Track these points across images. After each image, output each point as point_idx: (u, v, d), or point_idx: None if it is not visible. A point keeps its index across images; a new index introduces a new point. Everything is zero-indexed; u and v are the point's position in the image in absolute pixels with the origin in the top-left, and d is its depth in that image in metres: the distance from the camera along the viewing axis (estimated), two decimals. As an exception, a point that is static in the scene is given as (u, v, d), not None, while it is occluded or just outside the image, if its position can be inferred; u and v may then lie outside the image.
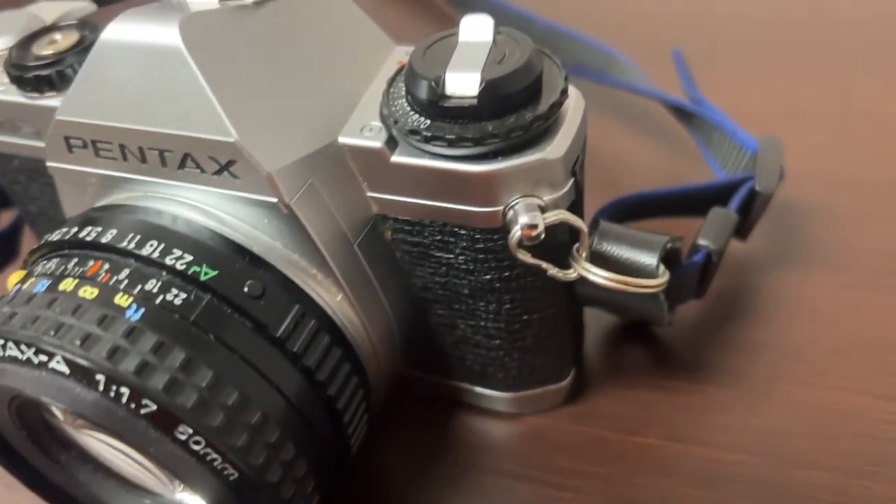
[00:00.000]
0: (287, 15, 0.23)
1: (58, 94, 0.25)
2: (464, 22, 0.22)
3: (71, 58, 0.26)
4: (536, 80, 0.22)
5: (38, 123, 0.26)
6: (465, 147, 0.21)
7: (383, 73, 0.24)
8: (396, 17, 0.51)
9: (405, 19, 0.51)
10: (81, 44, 0.26)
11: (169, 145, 0.21)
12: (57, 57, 0.26)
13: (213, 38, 0.21)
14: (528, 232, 0.21)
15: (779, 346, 0.29)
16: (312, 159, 0.21)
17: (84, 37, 0.27)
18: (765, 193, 0.28)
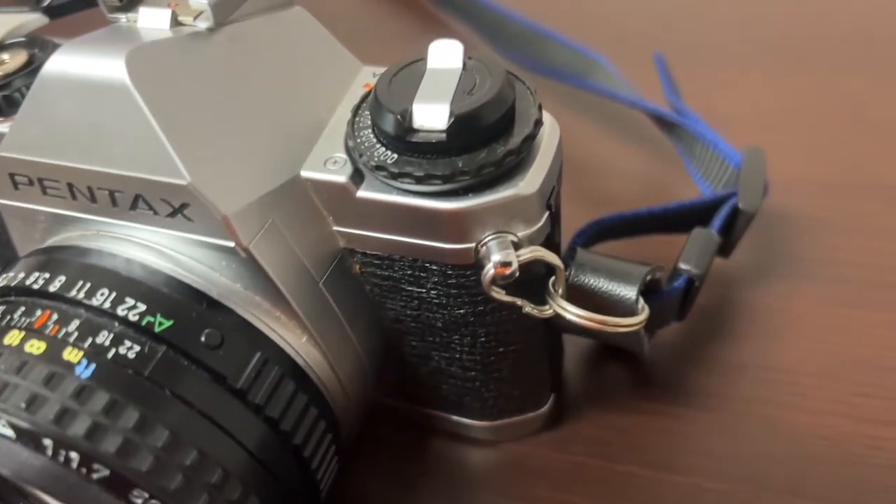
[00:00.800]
0: (244, 39, 0.21)
1: (5, 119, 0.24)
2: (432, 48, 0.21)
3: (19, 81, 0.24)
4: (509, 111, 0.20)
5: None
6: (435, 184, 0.20)
7: (349, 98, 0.23)
8: (379, 13, 0.50)
9: (386, 16, 0.49)
10: (31, 64, 0.25)
11: (118, 186, 0.20)
12: (4, 80, 0.24)
13: (162, 72, 0.19)
14: (502, 270, 0.20)
15: (761, 367, 0.29)
16: (273, 197, 0.20)
17: (34, 56, 0.25)
18: (748, 212, 0.27)
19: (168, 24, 0.21)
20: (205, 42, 0.21)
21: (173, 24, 0.21)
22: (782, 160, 0.32)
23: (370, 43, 0.48)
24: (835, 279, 0.31)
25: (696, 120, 0.31)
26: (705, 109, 0.36)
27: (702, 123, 0.31)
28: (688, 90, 0.37)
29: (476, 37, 0.45)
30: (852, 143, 0.36)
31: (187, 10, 0.21)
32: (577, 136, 0.40)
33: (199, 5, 0.21)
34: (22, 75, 0.24)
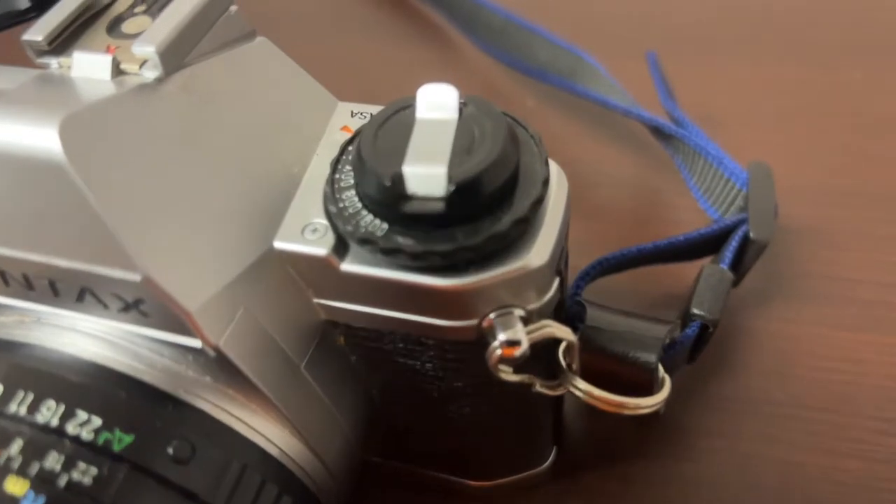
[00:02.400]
0: (200, 86, 0.18)
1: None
2: (422, 93, 0.18)
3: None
4: (514, 171, 0.18)
5: None
6: (433, 261, 0.17)
7: (325, 146, 0.20)
8: (361, 7, 0.46)
9: (369, 10, 0.46)
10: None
11: (60, 277, 0.17)
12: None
13: (105, 142, 0.16)
14: (510, 351, 0.18)
15: (769, 402, 0.27)
16: (244, 279, 0.17)
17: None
18: (760, 242, 0.25)
19: (109, 74, 0.17)
20: (154, 97, 0.17)
21: (115, 74, 0.18)
22: (778, 163, 0.30)
23: (337, 35, 0.45)
24: (839, 299, 0.29)
25: (697, 132, 0.29)
26: (696, 107, 0.34)
27: (703, 136, 0.29)
28: (676, 85, 0.35)
29: (451, 27, 0.42)
30: (851, 145, 0.34)
31: (131, 57, 0.18)
32: (562, 139, 0.37)
33: (144, 53, 0.17)
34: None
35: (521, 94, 0.39)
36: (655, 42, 0.40)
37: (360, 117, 0.21)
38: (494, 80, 0.40)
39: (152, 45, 0.17)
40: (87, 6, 0.19)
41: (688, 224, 0.32)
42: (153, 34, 0.17)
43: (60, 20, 0.18)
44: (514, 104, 0.39)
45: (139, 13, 0.19)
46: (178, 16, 0.18)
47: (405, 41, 0.44)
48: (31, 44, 0.18)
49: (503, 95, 0.40)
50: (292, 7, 0.46)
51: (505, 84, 0.40)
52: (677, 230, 0.32)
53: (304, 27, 0.45)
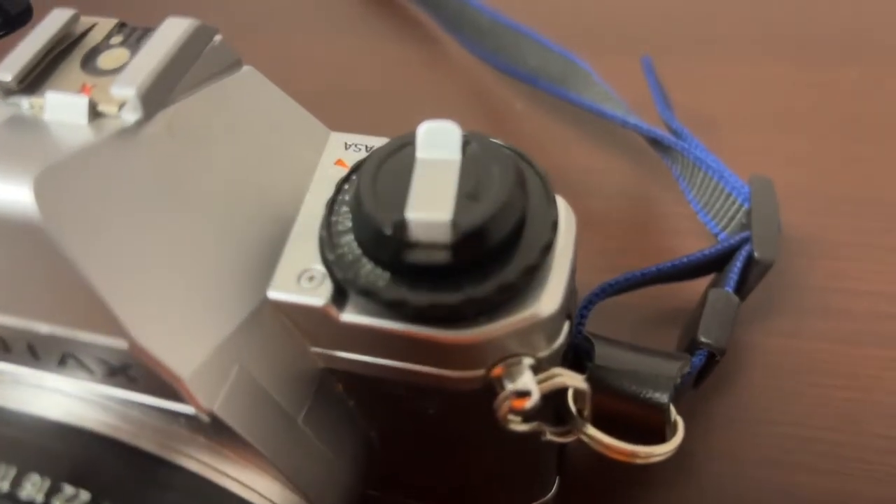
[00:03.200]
0: (184, 125, 0.17)
1: None
2: (423, 131, 0.17)
3: None
4: (522, 216, 0.17)
5: None
6: (439, 314, 0.16)
7: (319, 182, 0.19)
8: (344, 6, 0.44)
9: (354, 8, 0.44)
10: None
11: (40, 341, 0.16)
12: None
13: (85, 197, 0.15)
14: (520, 403, 0.17)
15: (774, 421, 0.27)
16: (238, 336, 0.16)
17: None
18: (765, 262, 0.25)
19: (85, 118, 0.16)
20: (135, 143, 0.16)
21: (92, 117, 0.16)
22: (774, 169, 0.30)
23: (321, 33, 0.43)
24: (839, 312, 0.29)
25: (697, 144, 0.28)
26: (687, 110, 0.33)
27: (703, 148, 0.28)
28: (666, 86, 0.34)
29: (434, 24, 0.41)
30: (848, 149, 0.34)
31: (109, 98, 0.16)
32: (552, 145, 0.36)
33: (123, 95, 0.16)
34: None
35: (510, 96, 0.38)
36: (645, 41, 0.39)
37: (354, 149, 0.20)
38: (481, 81, 0.39)
39: (132, 87, 0.16)
40: (59, 38, 0.17)
41: (686, 234, 0.31)
42: (133, 74, 0.16)
43: (31, 56, 0.17)
44: (502, 107, 0.38)
45: (115, 45, 0.18)
46: (159, 51, 0.17)
47: (389, 39, 0.42)
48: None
49: (490, 98, 0.39)
50: (274, 4, 0.45)
51: (492, 85, 0.39)
52: (675, 241, 0.32)
53: (285, 25, 0.44)
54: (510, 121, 0.38)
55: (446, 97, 0.39)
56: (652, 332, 0.28)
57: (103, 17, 0.19)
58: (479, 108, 0.39)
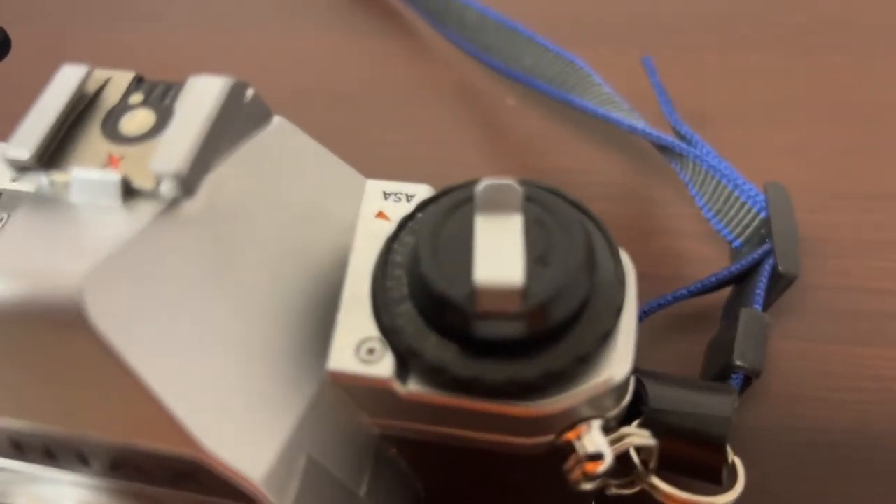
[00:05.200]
0: (224, 198, 0.16)
1: None
2: (481, 191, 0.16)
3: None
4: (593, 278, 0.16)
5: None
6: (514, 389, 0.16)
7: (362, 238, 0.18)
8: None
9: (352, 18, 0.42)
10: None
11: (92, 449, 0.14)
12: None
13: (134, 294, 0.14)
14: (593, 467, 0.17)
15: (791, 429, 0.27)
16: (304, 424, 0.15)
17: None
18: (789, 275, 0.25)
19: (119, 198, 0.15)
20: (178, 224, 0.15)
21: (126, 195, 0.15)
22: (771, 165, 0.30)
23: (301, 27, 0.41)
24: (850, 313, 0.29)
25: (709, 151, 0.28)
26: (677, 103, 0.33)
27: (715, 155, 0.28)
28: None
29: (416, 18, 0.39)
30: (844, 141, 0.34)
31: (141, 170, 0.15)
32: (548, 143, 0.35)
33: (164, 170, 0.15)
34: None
35: (501, 91, 0.37)
36: (629, 33, 0.38)
37: (394, 199, 0.19)
38: (469, 76, 0.38)
39: (174, 165, 0.14)
40: (75, 102, 0.16)
41: (693, 236, 0.31)
42: (172, 148, 0.15)
43: (47, 127, 0.15)
44: (493, 103, 0.37)
45: (136, 105, 0.16)
46: (196, 118, 0.15)
47: (369, 35, 0.41)
48: (11, 160, 0.15)
49: (481, 93, 0.37)
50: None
51: (482, 80, 0.38)
52: (683, 244, 0.31)
53: (263, 21, 0.41)
54: (503, 118, 0.37)
55: (434, 93, 0.38)
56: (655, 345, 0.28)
57: (116, 69, 0.17)
58: (470, 104, 0.37)
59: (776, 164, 0.31)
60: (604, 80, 0.31)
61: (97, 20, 0.43)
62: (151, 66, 0.43)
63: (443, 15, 0.36)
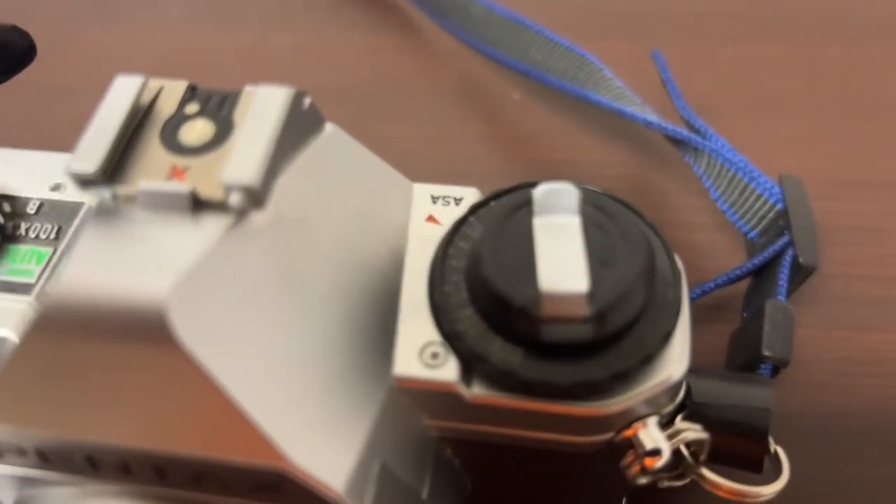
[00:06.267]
0: (289, 208, 0.15)
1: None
2: (539, 194, 0.16)
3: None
4: (653, 278, 0.16)
5: None
6: (580, 390, 0.16)
7: (415, 241, 0.18)
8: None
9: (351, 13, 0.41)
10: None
11: (172, 464, 0.14)
12: None
13: (213, 308, 0.14)
14: (652, 462, 0.17)
15: (805, 414, 0.27)
16: (376, 430, 0.15)
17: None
18: (808, 266, 0.25)
19: (188, 210, 0.15)
20: (248, 235, 0.15)
21: (194, 207, 0.15)
22: (772, 154, 0.30)
23: (301, 22, 0.41)
24: (858, 300, 0.29)
25: (724, 144, 0.28)
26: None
27: (730, 148, 0.28)
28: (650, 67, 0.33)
29: (414, 10, 0.39)
30: (842, 130, 0.35)
31: (209, 185, 0.15)
32: (554, 136, 0.36)
33: (236, 182, 0.14)
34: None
35: (505, 85, 0.37)
36: (631, 25, 0.39)
37: (442, 203, 0.19)
38: (472, 70, 0.38)
39: (245, 178, 0.14)
40: (133, 114, 0.16)
41: (705, 228, 0.32)
42: (242, 162, 0.14)
43: (109, 141, 0.15)
44: (498, 97, 0.37)
45: (193, 115, 0.16)
46: (262, 130, 0.15)
47: (367, 28, 0.40)
48: (75, 174, 0.15)
49: (485, 87, 0.38)
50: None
51: (485, 74, 0.38)
52: (695, 235, 0.32)
53: (260, 17, 0.41)
54: (508, 112, 0.37)
55: (438, 89, 0.38)
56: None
57: (169, 78, 0.17)
58: (474, 99, 0.37)
59: (779, 154, 0.32)
60: (614, 73, 0.32)
61: (95, 17, 0.42)
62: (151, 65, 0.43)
63: (446, 9, 0.36)
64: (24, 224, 0.19)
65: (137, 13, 0.42)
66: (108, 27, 0.41)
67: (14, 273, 0.18)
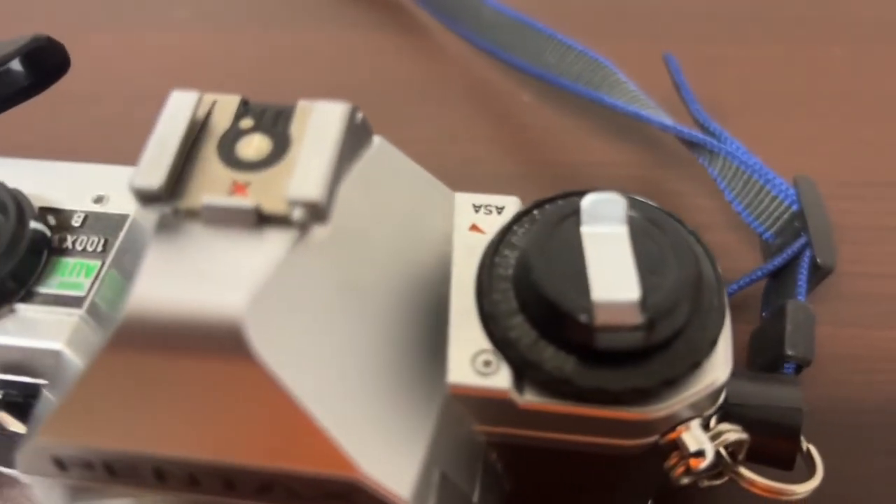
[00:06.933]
0: (346, 221, 0.16)
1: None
2: (587, 204, 0.17)
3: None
4: (700, 284, 0.17)
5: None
6: (632, 396, 0.16)
7: (460, 250, 0.18)
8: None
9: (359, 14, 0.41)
10: None
11: (239, 475, 0.14)
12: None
13: (287, 324, 0.14)
14: (696, 463, 0.18)
15: (818, 410, 0.28)
16: (435, 439, 0.16)
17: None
18: (826, 268, 0.26)
19: (252, 226, 0.15)
20: (311, 249, 0.15)
21: (258, 222, 0.15)
22: (781, 153, 0.31)
23: (313, 25, 0.41)
24: (867, 297, 0.30)
25: (738, 147, 0.29)
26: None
27: (744, 150, 0.29)
28: (657, 68, 0.34)
29: (418, 13, 0.39)
30: (845, 130, 0.35)
31: (272, 200, 0.15)
32: (565, 139, 0.36)
33: (301, 197, 0.15)
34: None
35: (515, 87, 0.37)
36: (636, 26, 0.39)
37: (485, 212, 0.19)
38: (481, 72, 0.38)
39: (311, 194, 0.15)
40: (191, 129, 0.16)
41: (719, 229, 0.32)
42: (307, 178, 0.15)
43: (171, 157, 0.15)
44: (507, 99, 0.38)
45: (248, 129, 0.16)
46: (324, 146, 0.15)
47: (373, 30, 0.41)
48: (141, 192, 0.15)
49: (494, 89, 0.38)
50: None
51: (494, 76, 0.38)
52: (708, 236, 0.32)
53: (268, 19, 0.41)
54: (518, 114, 0.37)
55: (448, 91, 0.38)
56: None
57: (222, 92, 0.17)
58: (484, 101, 0.38)
59: (786, 154, 0.32)
60: (627, 77, 0.32)
61: (100, 21, 0.42)
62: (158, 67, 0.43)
63: (455, 12, 0.36)
64: (69, 237, 0.19)
65: (143, 17, 0.42)
66: (113, 31, 0.41)
67: (64, 286, 0.18)
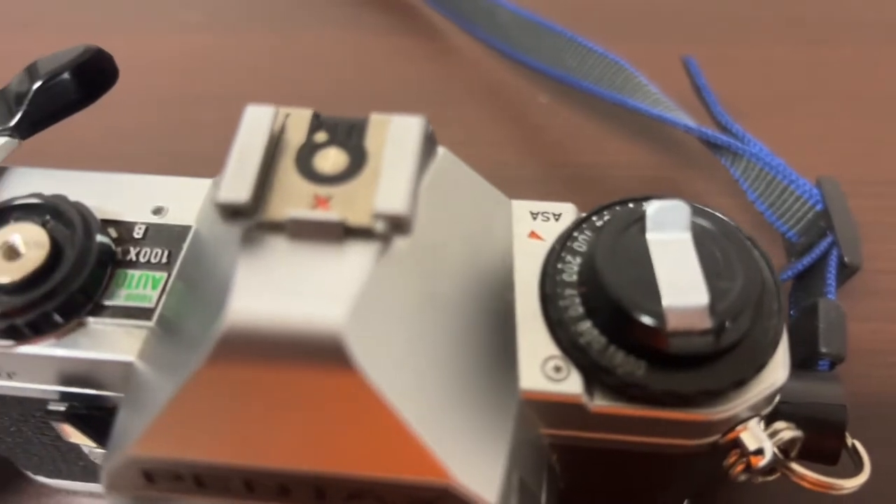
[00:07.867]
0: (421, 231, 0.16)
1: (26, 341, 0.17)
2: (652, 211, 0.17)
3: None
4: (762, 286, 0.17)
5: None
6: (703, 399, 0.17)
7: (521, 257, 0.19)
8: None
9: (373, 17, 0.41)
10: (58, 255, 0.18)
11: (331, 484, 0.15)
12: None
13: (382, 334, 0.14)
14: (757, 461, 0.18)
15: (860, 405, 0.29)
16: (514, 444, 0.16)
17: (54, 236, 0.18)
18: (853, 266, 0.27)
19: (338, 239, 0.15)
20: (395, 261, 0.15)
21: (344, 235, 0.15)
22: (791, 152, 0.31)
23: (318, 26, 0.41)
24: (886, 293, 0.31)
25: (762, 148, 0.29)
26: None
27: (768, 152, 0.29)
28: (670, 69, 0.34)
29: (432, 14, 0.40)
30: (857, 129, 0.36)
31: (355, 213, 0.15)
32: (582, 140, 0.37)
33: (388, 211, 0.15)
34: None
35: (531, 89, 0.38)
36: (646, 27, 0.40)
37: (542, 219, 0.20)
38: (496, 74, 0.39)
39: (397, 207, 0.15)
40: (269, 143, 0.16)
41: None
42: (392, 192, 0.15)
43: (255, 171, 0.15)
44: (524, 101, 0.38)
45: (323, 143, 0.16)
46: (404, 159, 0.15)
47: (386, 33, 0.41)
48: (227, 206, 0.15)
49: (510, 91, 0.38)
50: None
51: (509, 77, 0.38)
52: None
53: (283, 21, 0.41)
54: (535, 116, 0.37)
55: (463, 92, 0.38)
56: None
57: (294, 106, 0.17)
58: (501, 103, 0.38)
59: (797, 153, 0.33)
60: (648, 79, 0.33)
61: (112, 24, 0.42)
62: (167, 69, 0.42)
63: (473, 15, 0.36)
64: (132, 249, 0.19)
65: (154, 21, 0.42)
66: (125, 34, 0.41)
67: (132, 298, 0.18)
